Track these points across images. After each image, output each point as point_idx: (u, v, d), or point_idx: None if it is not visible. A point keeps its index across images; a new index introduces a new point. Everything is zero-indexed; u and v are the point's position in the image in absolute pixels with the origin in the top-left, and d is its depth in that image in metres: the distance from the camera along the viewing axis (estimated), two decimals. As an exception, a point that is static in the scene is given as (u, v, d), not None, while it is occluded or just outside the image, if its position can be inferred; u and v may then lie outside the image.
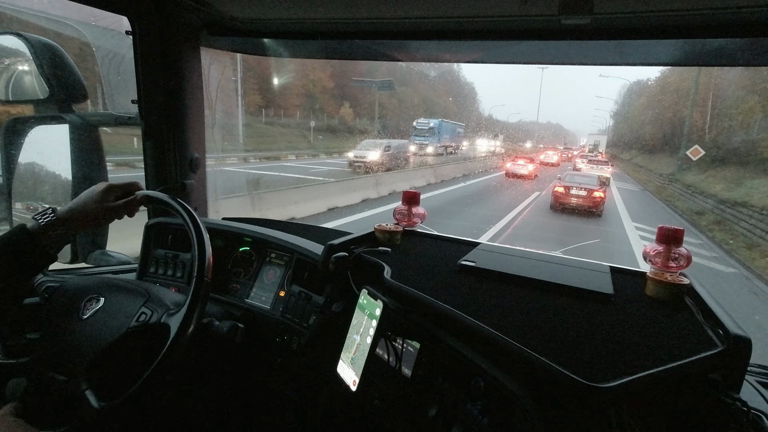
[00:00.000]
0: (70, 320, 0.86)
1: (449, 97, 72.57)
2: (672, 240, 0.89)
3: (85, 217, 0.86)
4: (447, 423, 0.74)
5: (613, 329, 0.72)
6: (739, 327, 0.65)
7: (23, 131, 1.33)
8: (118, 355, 0.84)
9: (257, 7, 1.24)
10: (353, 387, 0.87)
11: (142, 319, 0.86)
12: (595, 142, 47.74)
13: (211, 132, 1.58)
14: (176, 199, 0.93)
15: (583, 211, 11.50)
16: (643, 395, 0.59)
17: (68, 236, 0.85)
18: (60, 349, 0.84)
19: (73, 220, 0.85)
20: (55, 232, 0.82)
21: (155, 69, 1.33)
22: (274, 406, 1.23)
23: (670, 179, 20.10)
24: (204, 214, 1.59)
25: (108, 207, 0.88)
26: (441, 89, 70.27)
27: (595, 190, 11.53)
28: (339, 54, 1.61)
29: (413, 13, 1.12)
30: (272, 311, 1.23)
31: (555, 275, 0.93)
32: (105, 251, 1.47)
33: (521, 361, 0.63)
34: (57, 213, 0.83)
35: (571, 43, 1.11)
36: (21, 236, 0.79)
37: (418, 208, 1.30)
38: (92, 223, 0.88)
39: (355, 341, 0.92)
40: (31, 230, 0.80)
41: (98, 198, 0.87)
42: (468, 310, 0.74)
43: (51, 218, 0.82)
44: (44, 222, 0.81)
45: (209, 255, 0.87)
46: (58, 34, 1.47)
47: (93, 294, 0.89)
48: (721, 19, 0.93)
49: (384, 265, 0.95)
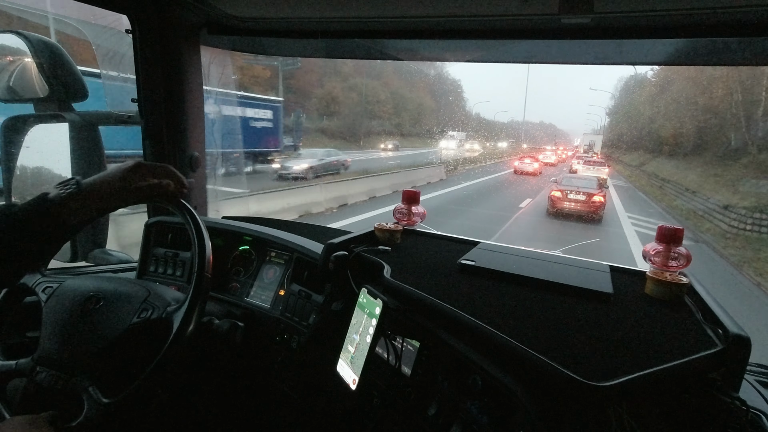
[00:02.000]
0: (71, 320, 0.86)
1: (428, 94, 62.71)
2: (672, 239, 0.89)
3: (109, 193, 0.80)
4: (447, 422, 0.74)
5: (613, 328, 0.72)
6: (738, 326, 0.65)
7: (23, 130, 1.33)
8: (121, 352, 0.84)
9: (257, 6, 1.24)
10: (353, 386, 0.87)
11: (143, 315, 0.86)
12: (590, 142, 46.47)
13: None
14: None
15: (581, 216, 10.85)
16: (643, 394, 0.59)
17: (90, 212, 0.79)
18: (61, 348, 0.84)
19: (95, 193, 0.79)
20: (75, 204, 0.76)
21: (155, 68, 1.33)
22: (273, 405, 1.23)
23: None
24: (204, 213, 1.59)
25: (132, 187, 0.82)
26: (419, 84, 60.65)
27: (595, 193, 10.84)
28: (339, 53, 1.61)
29: (413, 12, 1.11)
30: (272, 310, 1.23)
31: (555, 274, 0.93)
32: (105, 250, 1.47)
33: (521, 359, 0.63)
34: (80, 185, 0.78)
35: (572, 42, 1.11)
36: (41, 205, 0.74)
37: (418, 207, 1.30)
38: (113, 201, 0.82)
39: (354, 340, 0.92)
40: (51, 199, 0.75)
41: (124, 176, 0.81)
42: (468, 309, 0.74)
43: (73, 189, 0.77)
44: (65, 193, 0.76)
45: (209, 251, 0.88)
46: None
47: (93, 293, 0.89)
48: (721, 18, 0.93)
49: (384, 264, 0.95)
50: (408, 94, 54.08)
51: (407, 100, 53.12)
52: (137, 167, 0.83)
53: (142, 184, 0.83)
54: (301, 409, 1.14)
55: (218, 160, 2.31)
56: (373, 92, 46.28)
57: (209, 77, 1.58)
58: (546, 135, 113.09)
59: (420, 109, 56.23)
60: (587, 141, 48.05)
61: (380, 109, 46.12)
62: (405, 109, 51.62)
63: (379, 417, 0.86)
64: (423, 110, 57.08)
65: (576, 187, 11.20)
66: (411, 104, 53.90)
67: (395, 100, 49.79)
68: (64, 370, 0.82)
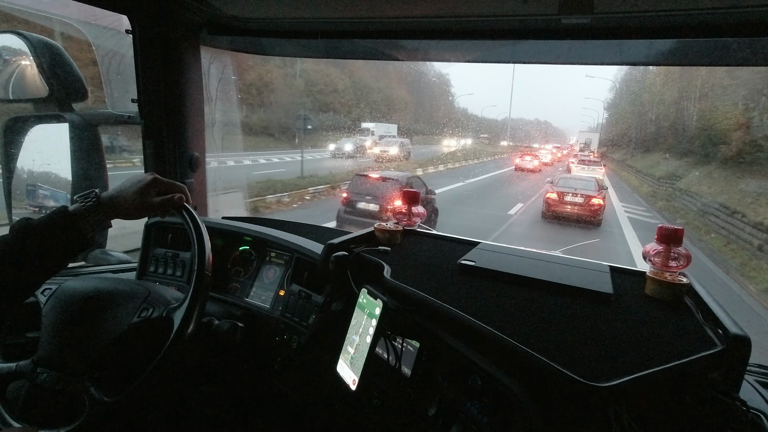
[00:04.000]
0: (70, 321, 0.86)
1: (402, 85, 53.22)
2: (672, 239, 0.89)
3: (125, 207, 0.84)
4: (447, 422, 0.74)
5: (613, 329, 0.72)
6: (738, 327, 0.65)
7: (23, 130, 1.34)
8: (121, 351, 0.84)
9: (257, 6, 1.24)
10: (353, 386, 0.87)
11: (144, 315, 0.86)
12: (586, 140, 44.32)
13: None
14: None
15: (579, 220, 9.92)
16: (643, 394, 0.59)
17: (107, 223, 0.83)
18: (61, 349, 0.84)
19: (113, 207, 0.83)
20: (94, 217, 0.80)
21: (155, 68, 1.33)
22: (273, 406, 1.23)
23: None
24: (204, 213, 1.59)
25: (147, 202, 0.85)
26: (392, 74, 49.75)
27: (593, 196, 9.95)
28: (339, 53, 1.61)
29: (413, 13, 1.12)
30: (272, 310, 1.23)
31: (554, 275, 0.93)
32: (105, 250, 1.47)
33: (521, 360, 0.63)
34: (100, 198, 0.81)
35: (571, 42, 1.11)
36: (62, 218, 0.78)
37: (418, 208, 1.30)
38: (130, 214, 0.86)
39: (354, 340, 0.92)
40: (72, 213, 0.79)
41: (140, 191, 0.85)
42: (468, 310, 0.74)
43: (93, 203, 0.80)
44: (85, 207, 0.80)
45: (209, 249, 0.88)
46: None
47: (92, 294, 0.89)
48: (721, 19, 0.93)
49: (384, 265, 0.95)
50: (373, 84, 45.81)
51: (372, 91, 45.22)
52: (154, 183, 0.86)
53: (157, 200, 0.86)
54: (300, 410, 1.14)
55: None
56: (330, 80, 37.50)
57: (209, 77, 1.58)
58: (539, 133, 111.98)
59: (388, 102, 47.71)
60: (583, 139, 46.44)
61: (337, 101, 37.87)
62: (370, 102, 43.79)
63: (379, 417, 0.86)
64: (393, 103, 48.97)
65: (573, 188, 10.25)
66: (377, 96, 45.96)
67: (357, 90, 41.70)
68: (65, 371, 0.82)
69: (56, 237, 0.77)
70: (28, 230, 0.75)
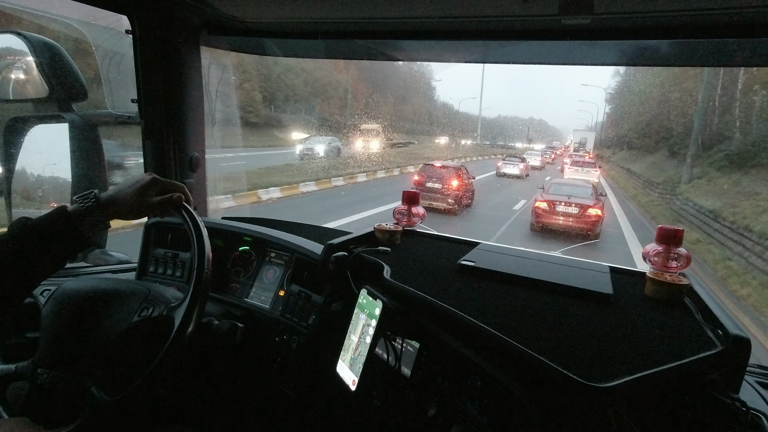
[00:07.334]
0: (70, 321, 0.86)
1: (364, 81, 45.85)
2: (671, 240, 0.89)
3: (124, 207, 0.84)
4: (447, 422, 0.74)
5: (613, 329, 0.72)
6: (738, 327, 0.65)
7: (23, 130, 1.33)
8: (122, 351, 0.84)
9: (258, 7, 1.24)
10: (353, 386, 0.87)
11: (144, 314, 0.86)
12: (581, 139, 41.57)
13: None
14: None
15: (574, 234, 8.44)
16: (643, 395, 0.59)
17: (105, 223, 0.83)
18: (61, 349, 0.84)
19: (112, 207, 0.83)
20: (93, 218, 0.80)
21: (155, 68, 1.33)
22: (273, 406, 1.23)
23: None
24: (204, 213, 1.59)
25: (146, 202, 0.85)
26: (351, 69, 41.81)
27: (590, 205, 8.46)
28: (339, 53, 1.61)
29: (413, 13, 1.11)
30: (272, 311, 1.23)
31: (554, 275, 0.93)
32: (104, 250, 1.47)
33: (520, 360, 0.63)
34: (99, 199, 0.81)
35: (572, 43, 1.11)
36: (61, 218, 0.78)
37: (418, 208, 1.30)
38: (129, 215, 0.85)
39: (354, 341, 0.92)
40: (71, 213, 0.78)
41: (139, 191, 0.84)
42: (467, 310, 0.74)
43: (92, 203, 0.80)
44: (85, 207, 0.79)
45: (209, 248, 0.87)
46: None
47: (92, 294, 0.89)
48: (721, 19, 0.93)
49: (383, 265, 0.95)
50: (330, 77, 40.73)
51: (329, 84, 40.34)
52: (153, 183, 0.86)
53: (155, 200, 0.86)
54: (300, 410, 1.14)
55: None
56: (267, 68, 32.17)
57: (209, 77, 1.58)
58: (534, 132, 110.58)
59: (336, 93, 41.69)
60: (578, 138, 43.38)
61: (271, 86, 33.24)
62: (319, 95, 39.36)
63: (379, 417, 0.86)
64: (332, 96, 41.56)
65: (566, 196, 8.74)
66: (336, 90, 40.98)
67: (308, 83, 37.28)
68: (66, 371, 0.81)
69: (54, 237, 0.76)
70: (27, 230, 0.74)
